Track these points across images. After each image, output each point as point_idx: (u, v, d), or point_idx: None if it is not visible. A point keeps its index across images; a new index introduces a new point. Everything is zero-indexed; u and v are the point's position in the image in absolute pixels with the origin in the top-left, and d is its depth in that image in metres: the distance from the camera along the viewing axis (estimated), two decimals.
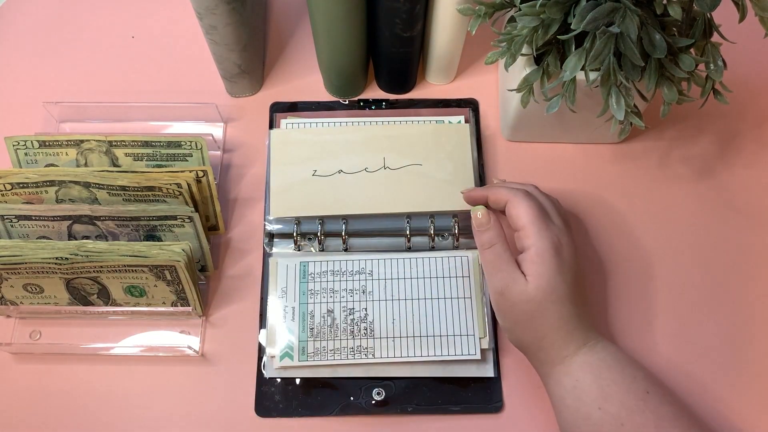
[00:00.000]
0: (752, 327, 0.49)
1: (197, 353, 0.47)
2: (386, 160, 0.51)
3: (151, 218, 0.46)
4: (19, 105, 0.58)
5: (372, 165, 0.51)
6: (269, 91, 0.58)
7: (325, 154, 0.51)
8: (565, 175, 0.54)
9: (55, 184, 0.47)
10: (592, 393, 0.39)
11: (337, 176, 0.51)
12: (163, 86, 0.58)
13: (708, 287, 0.50)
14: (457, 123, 0.54)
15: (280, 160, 0.51)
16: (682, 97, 0.43)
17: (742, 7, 0.40)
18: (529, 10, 0.40)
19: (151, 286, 0.46)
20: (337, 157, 0.51)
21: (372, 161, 0.51)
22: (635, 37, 0.38)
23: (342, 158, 0.51)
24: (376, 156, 0.51)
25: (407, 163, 0.51)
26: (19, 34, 0.62)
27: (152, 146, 0.50)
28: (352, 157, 0.51)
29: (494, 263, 0.42)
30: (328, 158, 0.51)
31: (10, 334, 0.49)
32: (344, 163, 0.51)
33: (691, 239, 0.52)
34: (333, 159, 0.51)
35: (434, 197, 0.50)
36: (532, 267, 0.41)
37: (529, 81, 0.45)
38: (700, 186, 0.54)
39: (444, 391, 0.46)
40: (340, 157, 0.51)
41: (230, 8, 0.48)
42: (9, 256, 0.44)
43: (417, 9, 0.47)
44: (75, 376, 0.47)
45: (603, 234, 0.52)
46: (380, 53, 0.54)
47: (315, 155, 0.51)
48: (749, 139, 0.56)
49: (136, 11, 0.62)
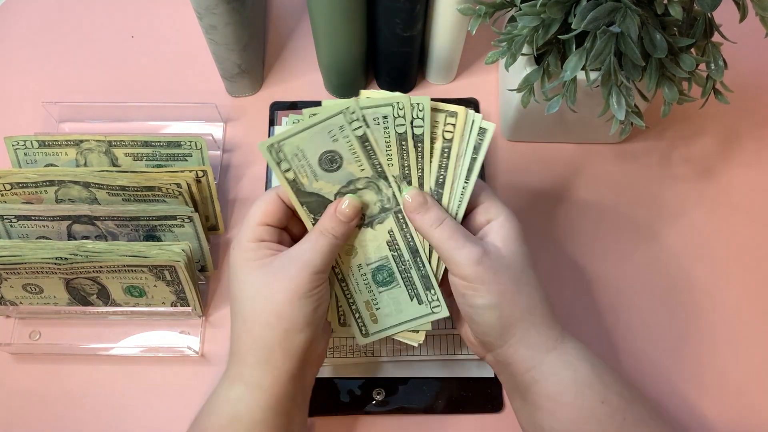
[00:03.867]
0: (752, 326, 0.49)
1: (197, 353, 0.47)
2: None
3: (150, 218, 0.46)
4: (18, 105, 0.58)
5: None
6: (269, 90, 0.58)
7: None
8: (565, 175, 0.54)
9: (54, 184, 0.47)
10: (594, 385, 0.36)
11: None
12: (163, 86, 0.58)
13: (708, 287, 0.50)
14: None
15: None
16: (683, 96, 0.43)
17: (743, 6, 0.40)
18: (529, 9, 0.40)
19: (151, 286, 0.46)
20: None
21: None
22: (636, 37, 0.38)
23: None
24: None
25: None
26: (19, 34, 0.62)
27: (152, 146, 0.50)
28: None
29: (454, 237, 0.36)
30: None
31: (9, 334, 0.49)
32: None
33: (691, 239, 0.52)
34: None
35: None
36: (502, 231, 0.37)
37: (529, 81, 0.45)
38: (700, 186, 0.54)
39: (444, 390, 0.46)
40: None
41: (230, 8, 0.48)
42: (8, 256, 0.44)
43: (417, 9, 0.47)
44: (75, 376, 0.47)
45: (603, 234, 0.52)
46: (380, 53, 0.54)
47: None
48: (750, 139, 0.56)
49: (136, 11, 0.62)
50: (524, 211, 0.53)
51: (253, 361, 0.36)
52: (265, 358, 0.36)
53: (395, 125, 0.37)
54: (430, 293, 0.40)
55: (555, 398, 0.36)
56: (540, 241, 0.51)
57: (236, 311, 0.37)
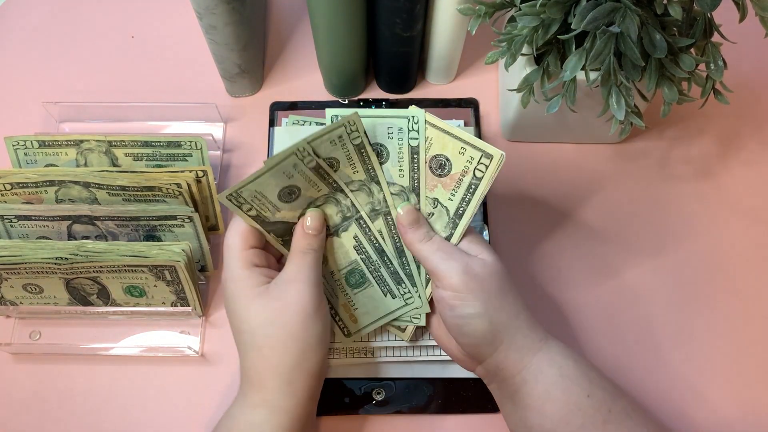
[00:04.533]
0: (753, 326, 0.49)
1: (197, 353, 0.47)
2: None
3: (150, 218, 0.46)
4: (18, 105, 0.58)
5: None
6: (269, 90, 0.58)
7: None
8: (565, 175, 0.54)
9: (54, 184, 0.47)
10: (579, 380, 0.38)
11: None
12: (163, 86, 0.58)
13: (708, 287, 0.50)
14: (456, 126, 0.54)
15: None
16: (683, 97, 0.43)
17: (743, 7, 0.40)
18: (529, 9, 0.40)
19: (151, 286, 0.46)
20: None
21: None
22: (635, 37, 0.38)
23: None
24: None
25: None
26: (19, 34, 0.62)
27: (152, 146, 0.50)
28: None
29: (443, 250, 0.39)
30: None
31: (9, 334, 0.49)
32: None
33: (691, 239, 0.52)
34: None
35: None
36: (478, 245, 0.40)
37: (529, 81, 0.45)
38: (700, 186, 0.54)
39: (444, 391, 0.46)
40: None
41: (230, 8, 0.48)
42: (9, 256, 0.44)
43: (417, 9, 0.47)
44: (75, 376, 0.47)
45: (603, 234, 0.52)
46: (380, 53, 0.54)
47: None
48: (750, 139, 0.56)
49: (136, 11, 0.62)
50: (523, 210, 0.53)
51: (274, 386, 0.37)
52: (287, 380, 0.37)
53: (351, 140, 0.39)
54: (402, 287, 0.43)
55: (543, 396, 0.38)
56: (539, 241, 0.51)
57: (245, 342, 0.38)
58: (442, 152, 0.40)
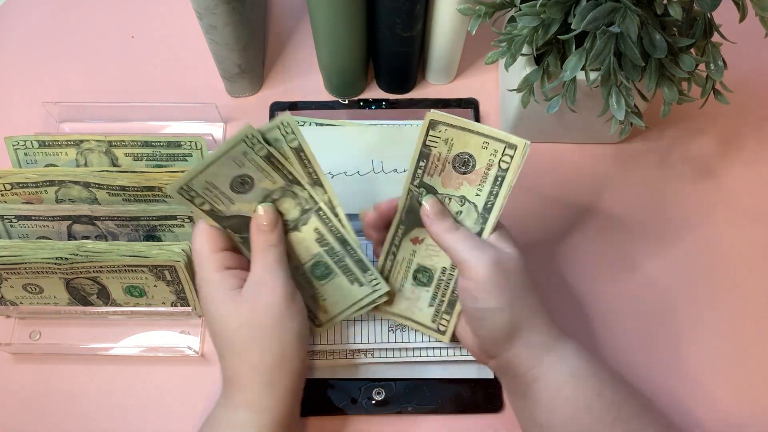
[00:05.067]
0: (753, 326, 0.49)
1: (197, 353, 0.47)
2: (383, 164, 0.52)
3: (150, 218, 0.46)
4: (18, 105, 0.58)
5: (364, 168, 0.51)
6: (269, 91, 0.58)
7: (324, 154, 0.51)
8: (565, 175, 0.54)
9: (54, 184, 0.47)
10: (590, 380, 0.38)
11: (340, 178, 0.51)
12: (163, 86, 0.58)
13: (709, 287, 0.50)
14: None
15: None
16: (683, 97, 0.43)
17: (743, 7, 0.40)
18: (529, 10, 0.40)
19: (151, 286, 0.46)
20: (341, 155, 0.52)
21: (364, 164, 0.51)
22: (635, 37, 0.38)
23: (338, 158, 0.51)
24: (368, 159, 0.52)
25: (399, 167, 0.51)
26: (19, 34, 0.62)
27: (152, 146, 0.50)
28: (348, 159, 0.52)
29: (471, 240, 0.39)
30: (328, 157, 0.51)
31: (9, 334, 0.49)
32: (339, 163, 0.51)
33: (691, 239, 0.52)
34: (337, 158, 0.51)
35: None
36: (507, 239, 0.40)
37: (529, 81, 0.45)
38: (700, 186, 0.54)
39: (444, 391, 0.46)
40: (343, 156, 0.52)
41: (230, 8, 0.48)
42: (9, 256, 0.44)
43: (417, 9, 0.47)
44: (75, 376, 0.47)
45: (603, 234, 0.52)
46: (380, 53, 0.54)
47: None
48: (749, 139, 0.56)
49: (136, 11, 0.62)
50: (524, 210, 0.53)
51: (256, 386, 0.37)
52: (268, 381, 0.37)
53: (287, 141, 0.39)
54: (368, 274, 0.43)
55: (554, 394, 0.38)
56: (539, 241, 0.51)
57: (224, 346, 0.38)
58: (464, 149, 0.39)
